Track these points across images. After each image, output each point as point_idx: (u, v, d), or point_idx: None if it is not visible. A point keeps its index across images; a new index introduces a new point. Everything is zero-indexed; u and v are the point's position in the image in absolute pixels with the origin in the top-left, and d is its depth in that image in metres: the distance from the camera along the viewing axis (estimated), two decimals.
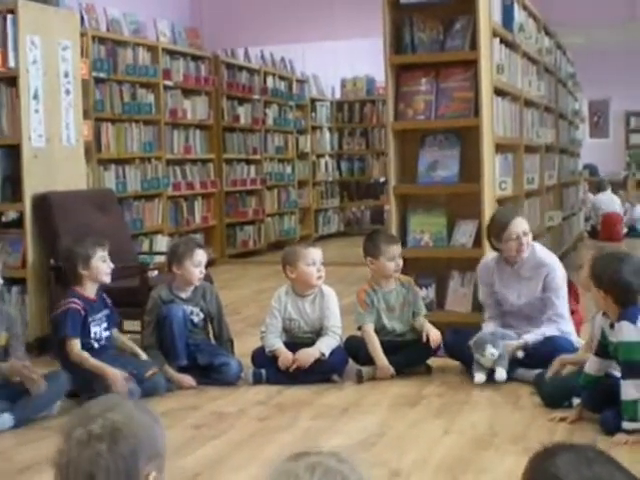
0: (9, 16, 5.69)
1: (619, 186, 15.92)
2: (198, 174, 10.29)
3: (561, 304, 4.83)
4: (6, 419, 4.13)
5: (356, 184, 14.64)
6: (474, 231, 5.59)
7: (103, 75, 8.54)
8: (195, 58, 10.32)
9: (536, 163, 7.86)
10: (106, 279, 4.74)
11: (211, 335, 5.12)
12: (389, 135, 5.82)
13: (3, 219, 6.30)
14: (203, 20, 11.10)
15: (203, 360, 4.91)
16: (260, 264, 10.37)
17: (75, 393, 4.46)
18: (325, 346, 4.84)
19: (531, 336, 4.74)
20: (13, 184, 5.81)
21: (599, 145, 18.58)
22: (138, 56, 9.14)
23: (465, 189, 5.63)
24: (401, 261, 5.05)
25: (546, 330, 4.74)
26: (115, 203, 6.67)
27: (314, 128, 13.77)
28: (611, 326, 3.91)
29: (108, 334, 4.77)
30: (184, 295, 4.99)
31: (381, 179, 14.12)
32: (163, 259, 6.20)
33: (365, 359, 4.93)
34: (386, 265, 5.01)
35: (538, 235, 7.65)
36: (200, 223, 10.34)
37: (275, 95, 12.32)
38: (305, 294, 5.00)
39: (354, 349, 5.01)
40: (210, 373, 4.88)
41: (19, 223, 5.86)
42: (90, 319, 4.65)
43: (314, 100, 13.86)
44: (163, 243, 9.00)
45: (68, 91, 6.12)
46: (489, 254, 5.06)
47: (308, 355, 4.80)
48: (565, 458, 1.61)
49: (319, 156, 13.91)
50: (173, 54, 9.85)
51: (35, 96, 5.81)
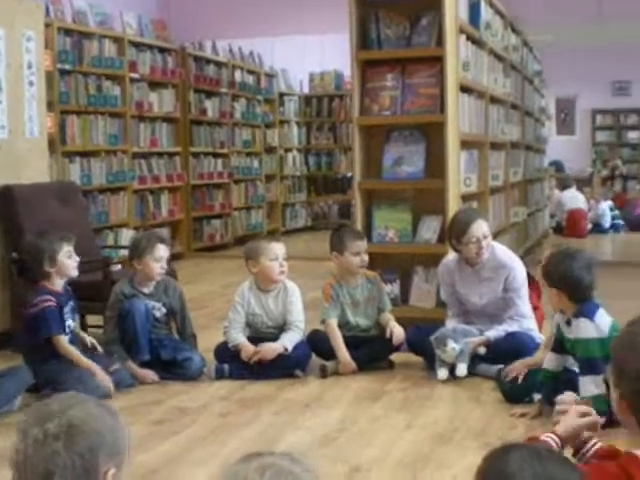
0: None
1: (585, 183, 16.06)
2: (164, 167, 10.21)
3: (523, 303, 4.86)
4: None
5: (324, 179, 14.62)
6: (438, 227, 5.61)
7: (68, 67, 8.44)
8: (162, 50, 10.24)
9: (501, 160, 7.88)
10: (73, 273, 4.70)
11: (174, 330, 5.11)
12: (354, 130, 5.82)
13: None
14: (171, 12, 11.02)
15: (166, 355, 4.89)
16: (227, 258, 10.34)
17: (36, 387, 4.42)
18: (288, 341, 4.84)
19: (493, 332, 4.77)
20: None
21: (566, 142, 18.75)
22: (104, 48, 9.05)
23: (430, 185, 5.64)
24: (366, 256, 5.06)
25: (508, 327, 4.78)
26: (79, 196, 6.61)
27: (282, 122, 13.73)
28: (567, 322, 3.93)
29: (72, 326, 4.74)
30: (146, 290, 4.97)
31: (349, 174, 14.09)
32: (127, 253, 6.16)
33: (328, 354, 4.94)
34: (351, 260, 5.02)
35: (503, 231, 7.70)
36: (166, 217, 10.27)
37: (243, 89, 12.28)
38: (268, 289, 4.99)
39: (317, 344, 5.01)
40: (173, 368, 4.86)
41: None
42: (64, 313, 4.62)
43: (282, 94, 13.83)
44: (128, 237, 8.93)
45: (31, 83, 6.06)
46: (450, 254, 5.07)
47: (271, 349, 4.80)
48: (517, 456, 1.63)
49: (287, 150, 13.89)
50: (140, 46, 9.76)
51: None
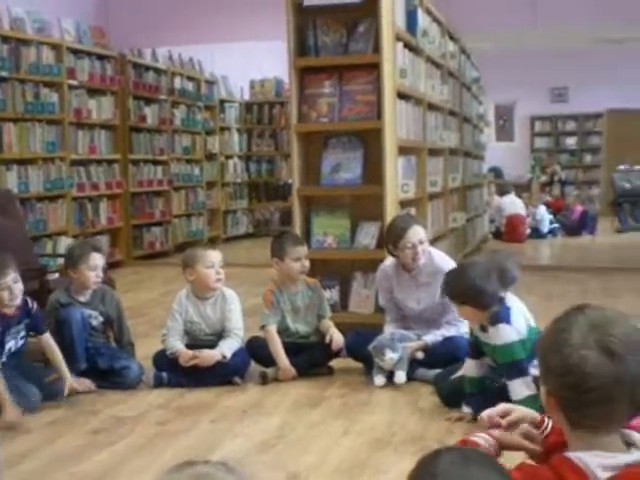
0: None
1: (524, 189, 16.28)
2: (103, 175, 10.12)
3: None
4: None
5: (265, 185, 14.61)
6: (377, 233, 5.64)
7: (5, 74, 8.35)
8: (101, 57, 10.15)
9: (440, 166, 7.95)
10: (16, 302, 4.44)
11: (112, 339, 5.06)
12: (293, 137, 5.85)
13: None
14: (109, 19, 10.93)
15: (103, 364, 4.85)
16: (167, 266, 10.26)
17: None
18: (227, 348, 4.83)
19: (430, 337, 4.81)
20: None
21: (505, 148, 18.97)
22: (42, 55, 8.96)
23: (368, 191, 5.66)
24: (307, 262, 5.07)
25: (445, 332, 4.82)
26: (15, 204, 6.54)
27: (223, 129, 13.70)
28: (482, 328, 3.94)
29: (23, 341, 4.58)
30: (82, 299, 4.92)
31: (290, 180, 14.00)
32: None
33: (268, 360, 4.94)
34: (291, 266, 5.03)
35: (442, 237, 7.77)
36: (106, 224, 10.18)
37: (183, 95, 12.23)
38: (206, 297, 4.98)
39: (257, 350, 5.01)
40: (110, 377, 4.82)
41: None
42: (7, 335, 4.46)
43: (223, 101, 13.80)
44: (67, 245, 8.84)
45: None
46: (387, 260, 5.10)
47: (209, 356, 4.79)
48: (447, 459, 1.64)
49: (228, 157, 13.85)
50: (78, 53, 9.67)
51: None
